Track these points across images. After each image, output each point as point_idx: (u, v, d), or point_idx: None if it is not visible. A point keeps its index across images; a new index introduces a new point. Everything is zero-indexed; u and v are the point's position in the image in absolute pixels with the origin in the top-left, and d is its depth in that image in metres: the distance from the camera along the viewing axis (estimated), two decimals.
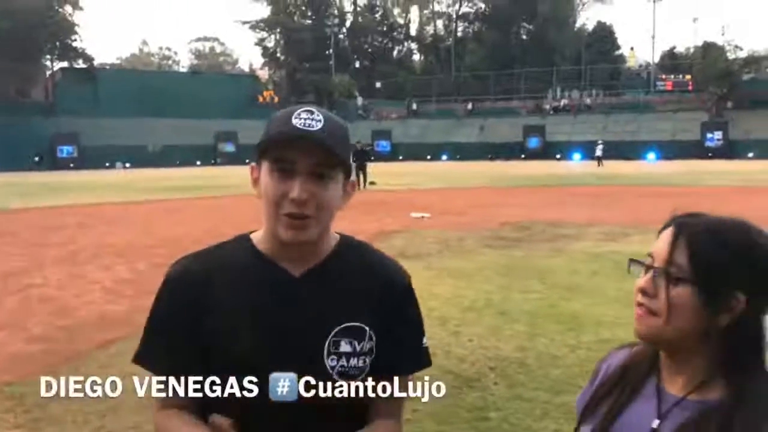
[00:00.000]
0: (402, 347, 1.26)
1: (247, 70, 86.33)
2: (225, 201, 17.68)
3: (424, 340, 1.32)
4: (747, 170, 30.50)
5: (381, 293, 1.26)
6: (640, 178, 27.11)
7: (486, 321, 5.77)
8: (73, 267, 8.74)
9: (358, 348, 1.21)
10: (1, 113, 45.27)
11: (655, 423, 1.02)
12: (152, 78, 60.85)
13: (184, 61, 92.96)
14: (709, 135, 49.07)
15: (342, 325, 1.21)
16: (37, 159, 44.41)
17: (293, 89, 68.35)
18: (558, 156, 50.60)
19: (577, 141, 52.51)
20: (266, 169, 1.19)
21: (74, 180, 31.75)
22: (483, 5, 76.61)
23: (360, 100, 63.87)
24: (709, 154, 46.86)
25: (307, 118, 1.18)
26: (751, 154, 43.82)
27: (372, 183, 23.03)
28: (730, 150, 46.82)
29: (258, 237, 1.28)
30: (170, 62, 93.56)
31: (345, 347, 1.20)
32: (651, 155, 48.13)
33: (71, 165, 45.70)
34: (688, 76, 61.12)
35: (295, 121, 1.17)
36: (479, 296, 6.67)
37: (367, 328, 1.23)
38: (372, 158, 28.22)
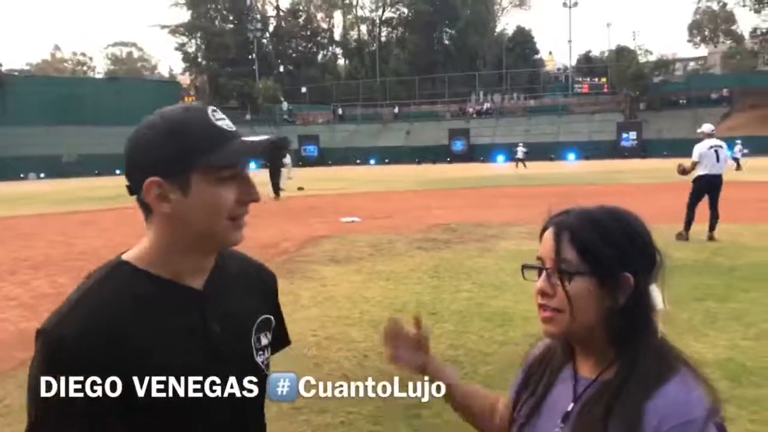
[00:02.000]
0: (284, 330, 1.38)
1: (167, 75, 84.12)
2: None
3: None
4: (659, 167, 32.09)
5: (265, 285, 1.33)
6: (559, 178, 28.06)
7: None
8: None
9: (269, 339, 1.26)
10: None
11: (570, 406, 1.09)
12: (66, 84, 58.40)
13: (100, 67, 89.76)
14: (624, 135, 51.44)
15: (258, 320, 1.24)
16: None
17: (216, 94, 67.09)
18: (482, 158, 51.78)
19: (500, 143, 53.95)
20: (205, 178, 1.08)
21: None
22: (406, 10, 77.56)
23: (285, 105, 63.40)
24: (625, 154, 49.08)
25: (223, 118, 1.13)
26: (665, 152, 46.13)
27: (300, 188, 22.93)
28: (644, 149, 49.21)
29: (141, 260, 1.14)
30: (85, 68, 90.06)
31: (264, 341, 1.24)
32: (571, 156, 50.00)
33: None
34: (604, 79, 63.85)
35: (221, 124, 1.11)
36: (410, 298, 6.75)
37: (272, 318, 1.29)
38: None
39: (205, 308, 1.16)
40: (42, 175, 45.76)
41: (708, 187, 9.95)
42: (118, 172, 48.08)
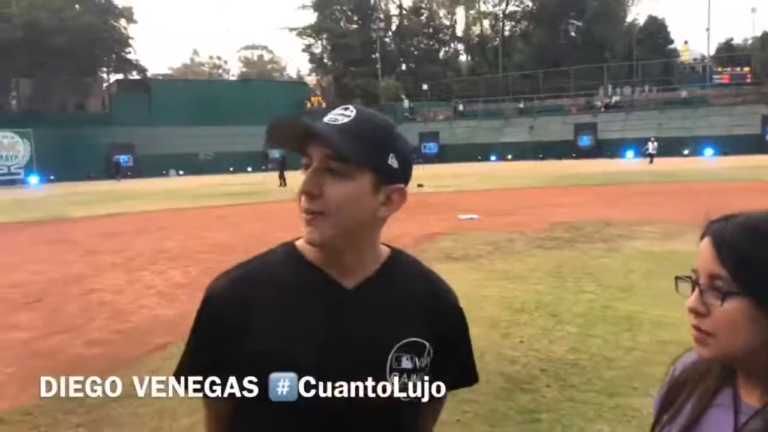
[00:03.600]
0: (458, 364, 1.28)
1: (295, 76, 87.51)
2: (274, 206, 17.92)
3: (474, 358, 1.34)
4: None
5: (436, 309, 1.23)
6: (695, 174, 26.27)
7: (537, 322, 5.67)
8: (130, 272, 9.00)
9: (418, 364, 1.17)
10: (61, 126, 47.15)
11: None
12: (203, 87, 62.30)
13: (234, 70, 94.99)
14: None
15: (404, 340, 1.16)
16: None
17: (340, 94, 68.90)
18: (610, 154, 49.53)
19: (629, 138, 51.30)
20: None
21: (131, 188, 32.72)
22: (530, 3, 75.72)
23: (407, 103, 63.90)
24: None
25: (338, 114, 1.13)
26: None
27: (420, 185, 23.00)
28: None
29: (303, 244, 1.19)
30: (220, 71, 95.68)
31: (406, 363, 1.16)
32: (708, 151, 46.63)
33: (128, 174, 47.10)
34: (747, 68, 59.04)
35: (326, 118, 1.14)
36: (530, 297, 6.56)
37: (427, 344, 1.19)
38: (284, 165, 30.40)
39: (347, 309, 1.15)
40: (181, 172, 49.12)
41: None
42: (249, 169, 50.74)
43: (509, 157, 52.43)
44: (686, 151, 46.04)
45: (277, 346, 1.11)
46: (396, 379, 1.14)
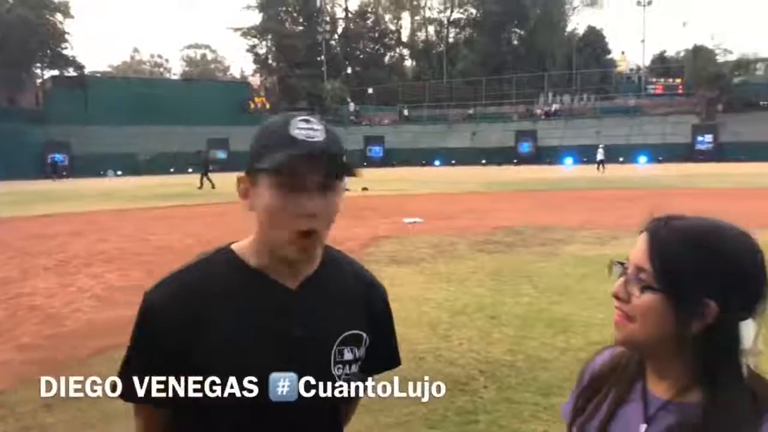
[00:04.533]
0: (386, 350, 1.35)
1: (238, 76, 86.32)
2: (216, 208, 17.65)
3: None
4: (737, 173, 30.68)
5: (369, 300, 1.30)
6: (630, 181, 27.22)
7: (477, 324, 5.79)
8: (63, 275, 8.71)
9: (357, 355, 1.24)
10: None
11: (643, 428, 1.02)
12: (144, 85, 60.65)
13: (176, 69, 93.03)
14: (699, 138, 49.46)
15: (345, 334, 1.22)
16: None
17: (285, 95, 68.35)
18: (549, 161, 50.81)
19: (568, 145, 52.78)
20: (267, 183, 1.12)
21: (67, 188, 31.63)
22: (474, 11, 76.89)
23: (352, 106, 63.95)
24: (700, 157, 47.16)
25: (308, 129, 1.12)
26: (743, 156, 44.13)
27: (365, 189, 23.07)
28: (720, 153, 47.15)
29: (243, 249, 1.22)
30: (162, 70, 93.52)
31: (348, 355, 1.22)
32: (642, 159, 48.40)
33: (63, 173, 45.48)
34: (679, 80, 61.50)
35: (296, 133, 1.11)
36: (470, 300, 6.68)
37: (364, 335, 1.25)
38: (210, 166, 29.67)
39: (292, 309, 1.18)
40: (119, 172, 47.76)
41: None
42: (191, 170, 49.70)
43: (453, 162, 53.08)
44: (621, 159, 47.62)
45: (229, 352, 1.14)
46: (340, 371, 1.20)
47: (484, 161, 52.24)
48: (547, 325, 5.66)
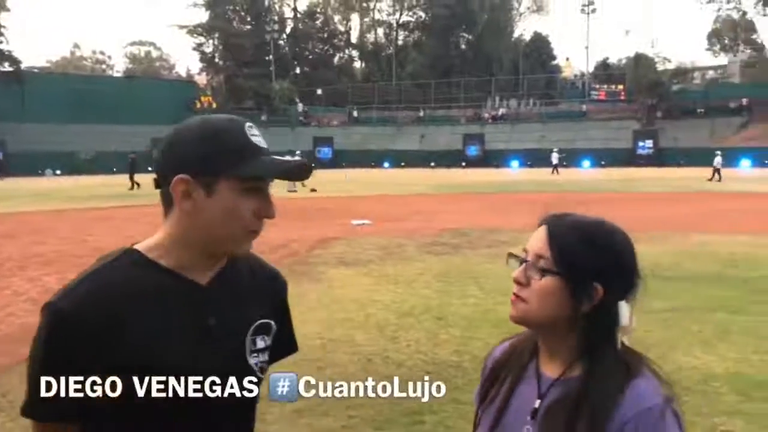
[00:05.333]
0: (288, 337, 1.39)
1: (184, 75, 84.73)
2: (159, 209, 17.23)
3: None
4: (675, 177, 31.83)
5: (273, 290, 1.36)
6: (574, 185, 27.89)
7: (424, 326, 5.82)
8: None
9: (267, 343, 1.28)
10: None
11: (537, 403, 1.14)
12: (84, 82, 58.86)
13: (119, 66, 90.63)
14: (640, 143, 51.07)
15: (257, 323, 1.26)
16: None
17: (232, 95, 67.43)
18: (496, 164, 51.62)
19: (515, 149, 53.76)
20: (233, 187, 1.15)
21: (0, 188, 30.40)
22: (423, 14, 77.53)
23: (301, 107, 63.55)
24: (640, 162, 48.72)
25: (258, 135, 1.20)
26: (681, 162, 45.81)
27: (313, 190, 22.95)
28: (660, 158, 48.81)
29: (150, 250, 1.21)
30: (104, 66, 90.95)
31: (260, 343, 1.26)
32: (586, 163, 49.65)
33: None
34: (621, 86, 63.40)
35: (255, 140, 1.18)
36: (418, 302, 6.71)
37: (272, 323, 1.30)
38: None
39: (205, 303, 1.20)
40: (58, 171, 46.18)
41: None
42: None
43: (402, 164, 53.35)
44: (565, 163, 48.77)
45: (149, 351, 1.13)
46: (255, 360, 1.24)
47: (432, 164, 52.67)
48: (493, 326, 5.73)
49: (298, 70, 75.14)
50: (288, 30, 78.39)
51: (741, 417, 3.68)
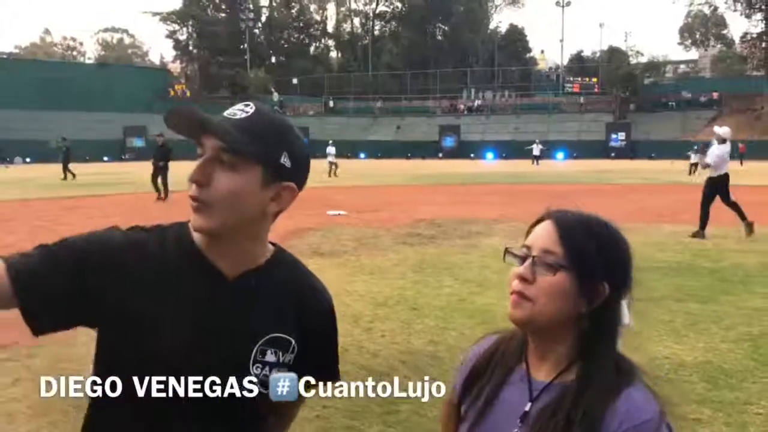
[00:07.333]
0: (319, 366, 1.28)
1: (157, 62, 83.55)
2: (131, 198, 17.03)
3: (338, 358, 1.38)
4: (647, 169, 32.29)
5: (308, 310, 1.26)
6: (549, 176, 28.14)
7: (399, 316, 5.83)
8: None
9: (282, 359, 1.20)
10: None
11: (528, 406, 1.11)
12: (55, 69, 57.70)
13: (90, 53, 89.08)
14: (613, 135, 51.72)
15: (271, 335, 1.19)
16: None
17: (206, 83, 66.72)
18: (472, 155, 51.84)
19: (490, 140, 54.04)
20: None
21: None
22: (399, 5, 77.44)
23: (276, 96, 63.13)
24: (612, 154, 49.33)
25: (237, 109, 1.16)
26: (653, 154, 46.44)
27: None
28: (632, 150, 49.47)
29: None
30: (75, 53, 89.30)
31: (270, 357, 1.19)
32: (560, 155, 50.13)
33: None
34: (595, 79, 64.07)
35: (225, 112, 1.17)
36: (393, 292, 6.72)
37: (293, 341, 1.22)
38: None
39: (221, 297, 1.17)
40: (28, 159, 45.29)
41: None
42: (106, 158, 47.77)
43: (378, 155, 53.28)
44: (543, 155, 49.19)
45: (149, 314, 1.12)
46: (258, 371, 1.17)
47: (409, 155, 52.70)
48: (467, 316, 5.76)
49: (273, 60, 74.66)
50: (263, 18, 77.70)
51: (708, 405, 3.75)
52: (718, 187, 10.32)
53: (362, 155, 53.67)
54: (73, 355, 4.35)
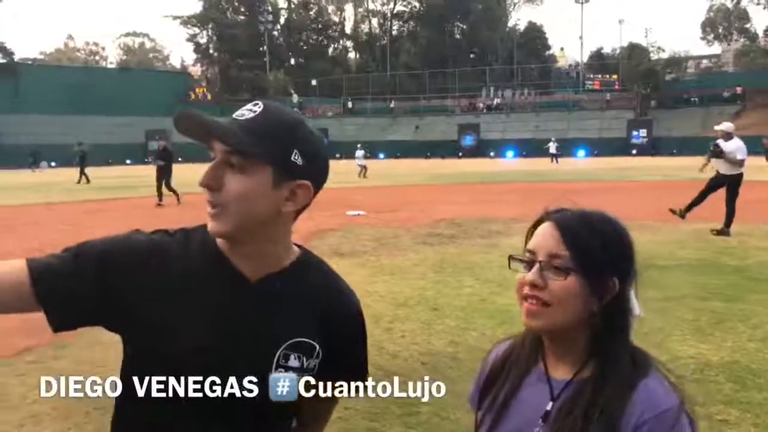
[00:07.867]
0: (347, 368, 1.27)
1: (178, 66, 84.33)
2: (153, 201, 17.18)
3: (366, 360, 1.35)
4: (668, 166, 31.86)
5: (333, 314, 1.24)
6: (569, 174, 27.90)
7: (419, 317, 5.81)
8: None
9: (305, 364, 1.18)
10: None
11: (549, 405, 1.11)
12: (78, 74, 58.59)
13: (112, 57, 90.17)
14: (634, 133, 51.17)
15: (294, 339, 1.17)
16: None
17: (227, 86, 67.21)
18: (492, 154, 51.60)
19: (510, 139, 53.76)
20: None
21: None
22: (417, 4, 77.33)
23: (295, 98, 63.39)
24: (633, 152, 48.81)
25: (246, 109, 1.15)
26: (675, 151, 45.86)
27: None
28: (654, 147, 48.90)
29: None
30: (97, 58, 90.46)
31: (293, 362, 1.17)
32: (581, 152, 49.72)
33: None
34: (615, 76, 63.43)
35: (235, 113, 1.15)
36: (413, 293, 6.70)
37: (317, 346, 1.20)
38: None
39: (244, 300, 1.16)
40: (53, 163, 45.97)
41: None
42: (128, 162, 48.34)
43: (398, 155, 53.26)
44: (560, 152, 48.81)
45: (169, 318, 1.12)
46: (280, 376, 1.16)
47: (428, 154, 52.61)
48: (488, 317, 5.73)
49: (292, 61, 74.96)
50: (282, 21, 78.07)
51: (736, 406, 3.69)
52: (729, 184, 10.14)
53: (381, 155, 53.66)
54: (97, 359, 4.40)
